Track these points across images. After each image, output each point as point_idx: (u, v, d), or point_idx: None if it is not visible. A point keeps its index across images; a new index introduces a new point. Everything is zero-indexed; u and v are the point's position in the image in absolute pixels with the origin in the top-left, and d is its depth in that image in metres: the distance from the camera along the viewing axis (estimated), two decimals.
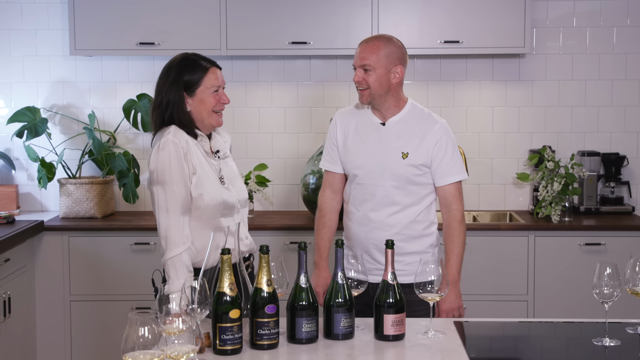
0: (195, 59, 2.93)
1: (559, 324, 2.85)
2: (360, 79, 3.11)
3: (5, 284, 4.10)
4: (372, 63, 3.08)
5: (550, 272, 4.44)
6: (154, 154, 2.84)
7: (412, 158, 3.12)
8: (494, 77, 4.93)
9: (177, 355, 2.14)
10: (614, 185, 4.83)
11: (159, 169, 2.81)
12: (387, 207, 3.14)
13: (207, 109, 2.91)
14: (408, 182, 3.13)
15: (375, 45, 3.10)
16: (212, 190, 2.86)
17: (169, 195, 2.80)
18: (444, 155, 3.13)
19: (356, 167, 3.19)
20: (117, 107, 4.93)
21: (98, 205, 4.70)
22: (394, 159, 3.13)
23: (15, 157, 4.98)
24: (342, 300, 2.56)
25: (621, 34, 4.89)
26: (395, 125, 3.16)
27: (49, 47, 4.93)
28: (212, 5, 4.56)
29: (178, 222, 2.80)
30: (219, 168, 2.96)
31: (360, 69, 3.11)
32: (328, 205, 3.31)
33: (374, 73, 3.09)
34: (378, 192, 3.14)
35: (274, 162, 4.98)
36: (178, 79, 2.89)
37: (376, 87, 3.10)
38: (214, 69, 2.94)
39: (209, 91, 2.91)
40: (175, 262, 2.78)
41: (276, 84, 4.96)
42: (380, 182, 3.14)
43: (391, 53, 3.10)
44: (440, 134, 3.14)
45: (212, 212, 2.86)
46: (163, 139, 2.83)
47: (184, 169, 2.81)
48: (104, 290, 4.49)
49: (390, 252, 2.60)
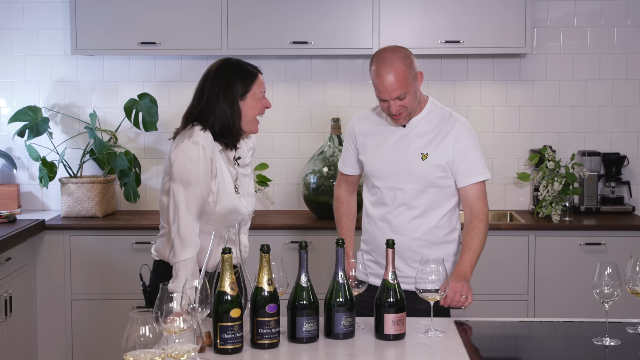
0: (241, 64, 2.92)
1: (559, 323, 2.85)
2: (399, 107, 2.98)
3: (7, 283, 4.11)
4: (406, 89, 2.95)
5: (551, 271, 4.45)
6: (181, 151, 2.80)
7: (432, 159, 3.04)
8: (494, 77, 4.94)
9: (178, 354, 2.15)
10: (615, 185, 4.83)
11: (185, 169, 2.78)
12: (407, 210, 3.08)
13: (254, 114, 2.91)
14: (429, 185, 3.05)
15: (399, 70, 2.93)
16: (227, 197, 2.87)
17: (190, 195, 2.78)
18: (465, 155, 3.04)
19: (376, 170, 3.12)
20: (118, 106, 4.94)
21: (99, 205, 4.71)
22: (414, 161, 3.05)
23: (17, 156, 4.99)
24: (343, 300, 2.56)
25: (622, 34, 4.89)
26: (416, 127, 3.08)
27: (50, 47, 4.94)
28: (213, 5, 4.56)
29: (195, 223, 2.80)
30: (236, 176, 2.96)
31: (394, 101, 2.96)
32: (344, 196, 3.30)
33: (409, 95, 2.97)
34: (398, 196, 3.08)
35: (275, 162, 4.99)
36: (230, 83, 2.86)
37: (413, 105, 3.01)
38: (259, 74, 2.94)
39: (258, 96, 2.91)
40: (188, 263, 2.77)
41: (277, 83, 4.96)
42: (401, 184, 3.07)
43: (410, 66, 2.98)
44: (459, 133, 3.05)
45: (220, 218, 2.87)
46: (192, 140, 2.80)
47: (209, 173, 2.81)
48: (105, 290, 4.49)
49: (391, 251, 2.60)
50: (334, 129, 4.63)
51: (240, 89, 2.87)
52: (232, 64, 2.91)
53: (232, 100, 2.86)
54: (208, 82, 2.89)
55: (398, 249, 2.96)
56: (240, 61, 2.94)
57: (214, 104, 2.86)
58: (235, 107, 2.87)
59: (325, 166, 4.57)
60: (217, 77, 2.88)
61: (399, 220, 3.09)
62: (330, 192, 4.51)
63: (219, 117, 2.86)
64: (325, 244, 4.40)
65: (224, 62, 2.93)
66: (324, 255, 4.32)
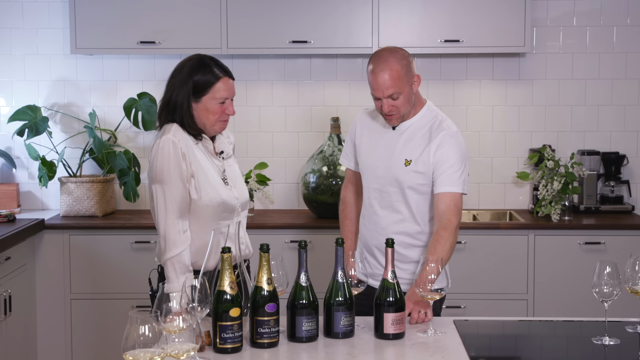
0: (209, 64, 2.85)
1: (558, 322, 2.85)
2: (390, 107, 2.98)
3: (6, 283, 4.11)
4: (399, 89, 2.96)
5: (550, 271, 4.45)
6: (154, 152, 2.83)
7: (414, 165, 3.03)
8: (494, 76, 4.94)
9: (177, 353, 2.15)
10: (614, 184, 4.83)
11: (157, 167, 2.80)
12: (392, 213, 3.09)
13: (210, 118, 2.85)
14: (411, 190, 3.05)
15: (394, 68, 2.94)
16: (212, 191, 2.85)
17: (167, 195, 2.79)
18: (443, 164, 3.00)
19: (366, 169, 3.15)
20: (117, 105, 4.93)
21: (99, 204, 4.70)
22: (398, 165, 3.06)
23: (16, 155, 4.99)
24: (342, 299, 2.56)
25: (621, 33, 4.89)
26: (405, 131, 3.08)
27: (49, 46, 4.94)
28: (212, 4, 4.56)
29: (177, 221, 2.80)
30: (222, 169, 2.95)
31: (387, 99, 2.97)
32: (349, 198, 3.30)
33: (402, 96, 2.97)
34: (384, 198, 3.10)
35: (274, 161, 4.99)
36: (187, 81, 2.84)
37: (405, 107, 3.01)
38: (226, 79, 2.86)
39: (216, 101, 2.84)
40: (175, 262, 2.78)
41: (277, 82, 4.96)
42: (385, 187, 3.09)
43: (407, 67, 2.98)
44: (442, 141, 3.01)
45: (210, 213, 2.85)
46: (163, 137, 2.81)
47: (182, 169, 2.80)
48: (105, 289, 4.49)
49: (391, 250, 2.60)
50: (334, 128, 4.63)
51: (196, 88, 2.84)
52: (200, 62, 2.87)
53: (186, 96, 2.84)
54: (173, 75, 2.90)
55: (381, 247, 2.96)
56: (210, 63, 2.86)
57: (170, 95, 2.86)
58: (189, 106, 2.84)
59: (324, 165, 4.57)
60: (180, 71, 2.87)
61: (384, 221, 3.11)
62: (329, 191, 4.51)
63: (177, 111, 2.85)
64: (325, 243, 4.40)
65: (192, 59, 2.89)
66: (323, 255, 4.32)
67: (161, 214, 2.80)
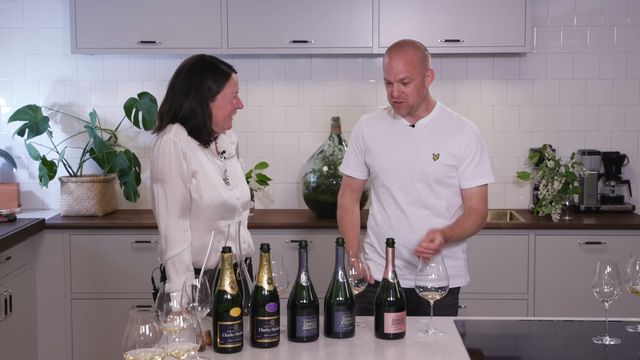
0: (216, 64, 2.89)
1: (559, 322, 2.85)
2: (400, 93, 3.01)
3: (7, 282, 4.11)
4: (411, 74, 2.99)
5: (551, 270, 4.45)
6: (155, 151, 2.84)
7: (443, 159, 3.07)
8: (494, 76, 4.94)
9: (178, 353, 2.15)
10: (614, 184, 4.83)
11: (158, 167, 2.81)
12: (420, 209, 3.10)
13: (224, 114, 2.89)
14: (439, 184, 3.09)
15: (409, 54, 2.99)
16: (213, 191, 2.86)
17: (168, 194, 2.80)
18: (473, 158, 3.09)
19: (386, 170, 3.13)
20: (118, 105, 4.94)
21: (99, 204, 4.71)
22: (425, 160, 3.08)
23: (17, 155, 4.99)
24: (343, 299, 2.56)
25: (622, 33, 4.89)
26: (425, 127, 3.11)
27: (50, 46, 4.94)
28: (213, 4, 4.56)
29: (177, 221, 2.81)
30: (224, 169, 2.95)
31: (397, 83, 3.00)
32: (349, 204, 3.28)
33: (413, 84, 3.00)
34: (411, 194, 3.10)
35: (274, 161, 4.99)
36: (201, 85, 2.85)
37: (414, 97, 3.03)
38: (233, 74, 2.91)
39: (228, 97, 2.89)
40: (175, 261, 2.78)
41: (277, 82, 4.96)
42: (412, 184, 3.09)
43: (422, 58, 3.03)
44: (471, 137, 3.09)
45: (211, 213, 2.86)
46: (164, 137, 2.82)
47: (183, 168, 2.81)
48: (105, 289, 4.49)
49: (391, 250, 2.61)
50: (334, 128, 4.63)
51: (211, 89, 2.85)
52: (205, 62, 2.89)
53: (202, 100, 2.85)
54: (180, 79, 2.88)
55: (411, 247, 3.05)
56: (215, 60, 2.91)
57: (182, 102, 2.85)
58: (206, 108, 2.86)
59: (325, 165, 4.57)
60: (189, 75, 2.87)
61: (411, 219, 3.11)
62: (330, 191, 4.51)
63: (189, 116, 2.85)
64: (325, 243, 4.40)
65: (197, 60, 2.90)
66: (324, 254, 4.31)
67: (162, 214, 2.81)
